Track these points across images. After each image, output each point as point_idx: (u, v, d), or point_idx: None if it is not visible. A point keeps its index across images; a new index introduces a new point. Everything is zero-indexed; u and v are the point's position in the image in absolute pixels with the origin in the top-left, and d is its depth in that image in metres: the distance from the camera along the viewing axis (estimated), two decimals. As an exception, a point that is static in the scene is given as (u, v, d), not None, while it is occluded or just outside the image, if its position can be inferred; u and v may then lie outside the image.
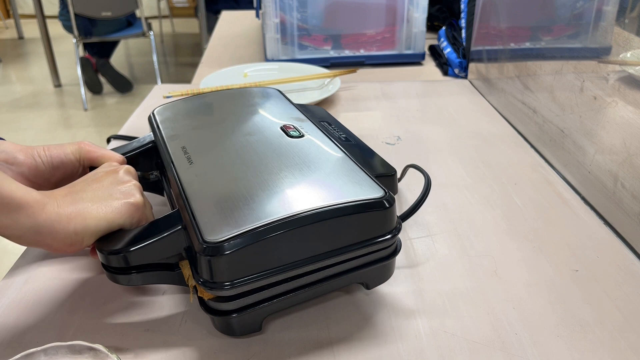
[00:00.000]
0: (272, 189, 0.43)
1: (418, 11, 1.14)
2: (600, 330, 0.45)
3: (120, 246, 0.41)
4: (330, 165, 0.47)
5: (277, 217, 0.39)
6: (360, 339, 0.44)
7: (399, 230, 0.44)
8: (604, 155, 0.59)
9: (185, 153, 0.50)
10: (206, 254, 0.38)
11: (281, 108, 0.59)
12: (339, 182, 0.44)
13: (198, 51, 4.11)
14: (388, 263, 0.46)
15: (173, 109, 0.60)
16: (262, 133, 0.52)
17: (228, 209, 0.41)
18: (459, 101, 0.95)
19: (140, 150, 0.56)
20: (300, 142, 0.50)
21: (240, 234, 0.38)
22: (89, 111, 3.15)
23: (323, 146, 0.50)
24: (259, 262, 0.39)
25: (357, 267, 0.44)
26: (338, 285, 0.45)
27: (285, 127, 0.53)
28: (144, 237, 0.42)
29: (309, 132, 0.52)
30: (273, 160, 0.47)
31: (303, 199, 0.42)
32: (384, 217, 0.43)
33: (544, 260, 0.53)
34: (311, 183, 0.44)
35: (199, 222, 0.40)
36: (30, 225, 0.39)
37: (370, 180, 0.45)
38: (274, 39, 1.13)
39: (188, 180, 0.46)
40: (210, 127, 0.55)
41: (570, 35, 0.68)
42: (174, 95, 0.91)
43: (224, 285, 0.39)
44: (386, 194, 0.43)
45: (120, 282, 0.43)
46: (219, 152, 0.49)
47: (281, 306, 0.43)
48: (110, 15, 2.98)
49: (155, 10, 4.88)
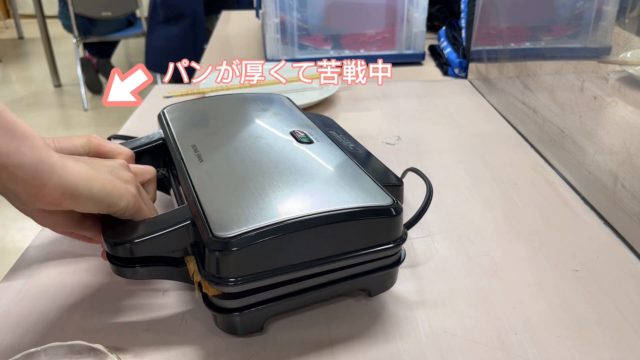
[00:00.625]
0: (281, 190, 0.43)
1: (418, 11, 1.14)
2: (600, 330, 0.45)
3: (127, 237, 0.41)
4: (339, 172, 0.47)
5: (286, 218, 0.40)
6: (360, 339, 0.44)
7: (404, 240, 0.44)
8: (604, 155, 0.59)
9: (195, 151, 0.50)
10: (215, 249, 0.39)
11: (290, 114, 0.59)
12: (348, 188, 0.44)
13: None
14: (391, 271, 0.46)
15: (183, 109, 0.60)
16: (272, 136, 0.53)
17: (237, 207, 0.41)
18: (459, 101, 0.95)
19: (148, 147, 0.56)
20: (310, 147, 0.51)
21: (249, 232, 0.39)
22: (89, 111, 3.16)
23: (332, 153, 0.50)
24: (265, 260, 0.40)
25: (360, 274, 0.44)
26: (341, 290, 0.45)
27: (295, 132, 0.53)
28: (152, 229, 0.42)
29: (318, 139, 0.53)
30: (283, 163, 0.47)
31: (312, 201, 0.42)
32: (391, 225, 0.43)
33: (544, 260, 0.53)
34: (320, 187, 0.44)
35: (209, 218, 0.40)
36: (31, 157, 0.36)
37: (378, 188, 0.45)
38: (274, 39, 1.13)
39: (198, 177, 0.46)
40: (220, 129, 0.55)
41: (570, 35, 0.68)
42: (174, 95, 0.91)
43: (230, 281, 0.39)
44: (394, 202, 0.43)
45: (125, 275, 0.43)
46: (229, 152, 0.50)
47: (284, 308, 0.43)
48: (111, 15, 2.98)
49: (155, 10, 4.87)
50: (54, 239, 0.57)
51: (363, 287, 0.46)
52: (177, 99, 0.95)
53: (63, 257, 0.54)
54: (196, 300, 0.48)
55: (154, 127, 0.84)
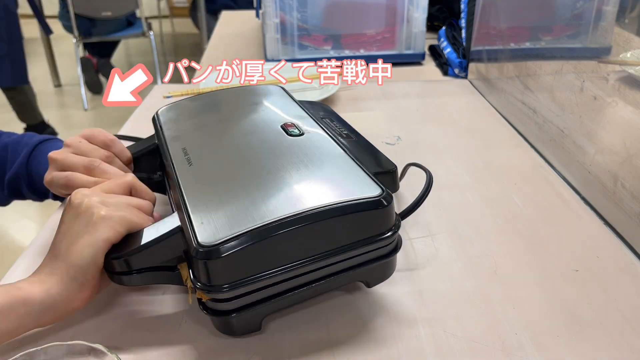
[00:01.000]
0: (268, 190, 0.43)
1: (418, 11, 1.14)
2: (600, 331, 0.45)
3: (121, 251, 0.42)
4: (328, 164, 0.47)
5: (271, 219, 0.39)
6: (360, 338, 0.44)
7: (398, 228, 0.44)
8: (604, 155, 0.59)
9: (185, 154, 0.50)
10: (201, 257, 0.38)
11: (283, 106, 0.59)
12: (336, 181, 0.44)
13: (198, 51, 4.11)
14: (389, 261, 0.45)
15: (177, 109, 0.60)
16: (262, 132, 0.52)
17: (224, 211, 0.41)
18: (459, 101, 0.95)
19: (146, 151, 0.57)
20: (300, 140, 0.50)
21: (234, 237, 0.38)
22: (89, 111, 3.15)
23: (322, 144, 0.50)
24: (255, 263, 0.39)
25: (357, 266, 0.44)
26: (338, 283, 0.45)
27: (286, 125, 0.53)
28: (144, 242, 0.42)
29: (309, 129, 0.52)
30: (271, 160, 0.47)
31: (299, 199, 0.41)
32: (382, 216, 0.43)
33: (544, 260, 0.53)
34: (308, 183, 0.44)
35: (195, 225, 0.40)
36: (35, 312, 0.41)
37: (368, 178, 0.44)
38: (274, 39, 1.13)
39: (186, 182, 0.46)
40: (212, 127, 0.55)
41: (570, 35, 0.68)
42: (174, 95, 0.91)
43: (222, 288, 0.39)
44: (383, 192, 0.43)
45: (123, 283, 0.43)
46: (219, 153, 0.50)
47: (281, 305, 0.43)
48: (110, 15, 2.98)
49: (155, 10, 4.87)
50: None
51: (361, 279, 0.46)
52: (177, 99, 0.95)
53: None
54: (195, 300, 0.48)
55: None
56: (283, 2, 1.10)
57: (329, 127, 0.56)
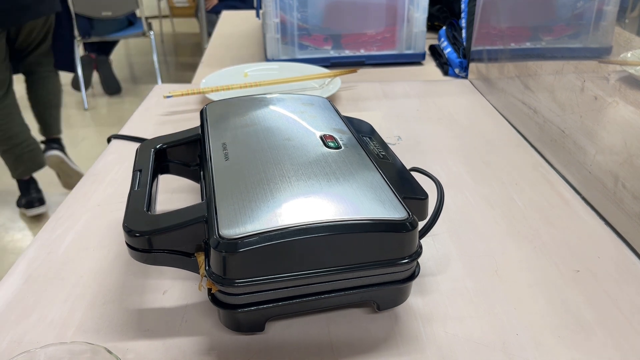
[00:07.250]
0: (295, 195, 0.43)
1: (418, 11, 1.14)
2: (601, 331, 0.45)
3: (145, 229, 0.43)
4: (359, 180, 0.46)
5: (293, 224, 0.40)
6: (360, 339, 0.44)
7: (418, 255, 0.43)
8: (604, 156, 0.59)
9: (224, 149, 0.51)
10: (220, 249, 0.39)
11: (328, 118, 0.59)
12: (363, 198, 0.44)
13: (198, 51, 4.11)
14: (403, 287, 0.45)
15: (224, 107, 0.62)
16: (300, 140, 0.53)
17: (249, 208, 0.41)
18: (459, 101, 0.95)
19: (187, 140, 0.59)
20: (336, 153, 0.50)
21: (255, 234, 0.39)
22: (89, 111, 3.16)
23: (357, 160, 0.50)
24: (271, 264, 0.40)
25: (370, 285, 0.43)
26: (349, 300, 0.44)
27: (325, 137, 0.53)
28: (168, 224, 0.43)
29: (347, 145, 0.53)
30: (304, 167, 0.47)
31: (323, 209, 0.42)
32: (404, 240, 0.42)
33: (545, 260, 0.53)
34: (336, 195, 0.44)
35: (219, 216, 0.41)
36: None
37: (396, 201, 0.44)
38: (274, 39, 1.13)
39: (219, 175, 0.47)
40: (254, 128, 0.56)
41: (571, 35, 0.68)
42: (174, 95, 0.91)
43: (234, 282, 0.39)
44: (410, 217, 0.42)
45: (140, 260, 0.44)
46: (255, 152, 0.50)
47: (288, 310, 0.43)
48: (111, 14, 2.98)
49: (156, 10, 4.88)
50: (54, 239, 0.57)
51: (372, 300, 0.45)
52: (177, 99, 0.95)
53: (63, 257, 0.54)
54: (196, 301, 0.48)
55: (154, 127, 0.84)
56: (283, 2, 1.10)
57: (367, 146, 0.56)
